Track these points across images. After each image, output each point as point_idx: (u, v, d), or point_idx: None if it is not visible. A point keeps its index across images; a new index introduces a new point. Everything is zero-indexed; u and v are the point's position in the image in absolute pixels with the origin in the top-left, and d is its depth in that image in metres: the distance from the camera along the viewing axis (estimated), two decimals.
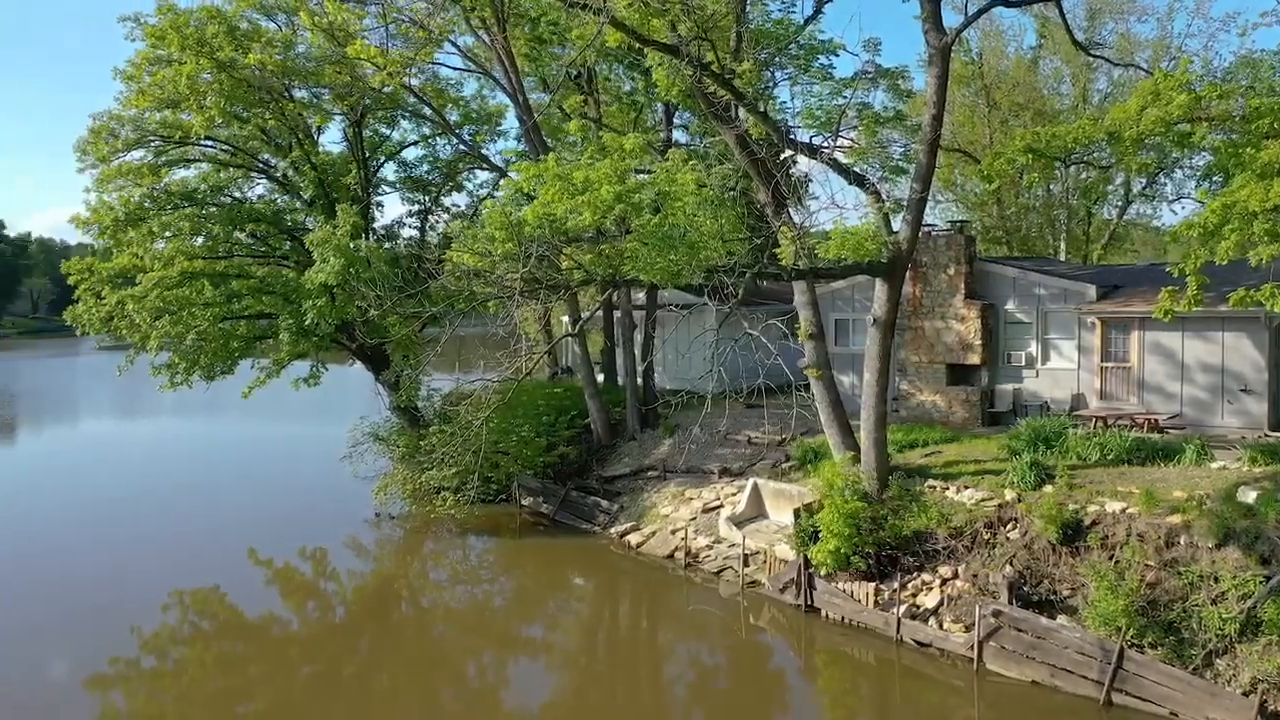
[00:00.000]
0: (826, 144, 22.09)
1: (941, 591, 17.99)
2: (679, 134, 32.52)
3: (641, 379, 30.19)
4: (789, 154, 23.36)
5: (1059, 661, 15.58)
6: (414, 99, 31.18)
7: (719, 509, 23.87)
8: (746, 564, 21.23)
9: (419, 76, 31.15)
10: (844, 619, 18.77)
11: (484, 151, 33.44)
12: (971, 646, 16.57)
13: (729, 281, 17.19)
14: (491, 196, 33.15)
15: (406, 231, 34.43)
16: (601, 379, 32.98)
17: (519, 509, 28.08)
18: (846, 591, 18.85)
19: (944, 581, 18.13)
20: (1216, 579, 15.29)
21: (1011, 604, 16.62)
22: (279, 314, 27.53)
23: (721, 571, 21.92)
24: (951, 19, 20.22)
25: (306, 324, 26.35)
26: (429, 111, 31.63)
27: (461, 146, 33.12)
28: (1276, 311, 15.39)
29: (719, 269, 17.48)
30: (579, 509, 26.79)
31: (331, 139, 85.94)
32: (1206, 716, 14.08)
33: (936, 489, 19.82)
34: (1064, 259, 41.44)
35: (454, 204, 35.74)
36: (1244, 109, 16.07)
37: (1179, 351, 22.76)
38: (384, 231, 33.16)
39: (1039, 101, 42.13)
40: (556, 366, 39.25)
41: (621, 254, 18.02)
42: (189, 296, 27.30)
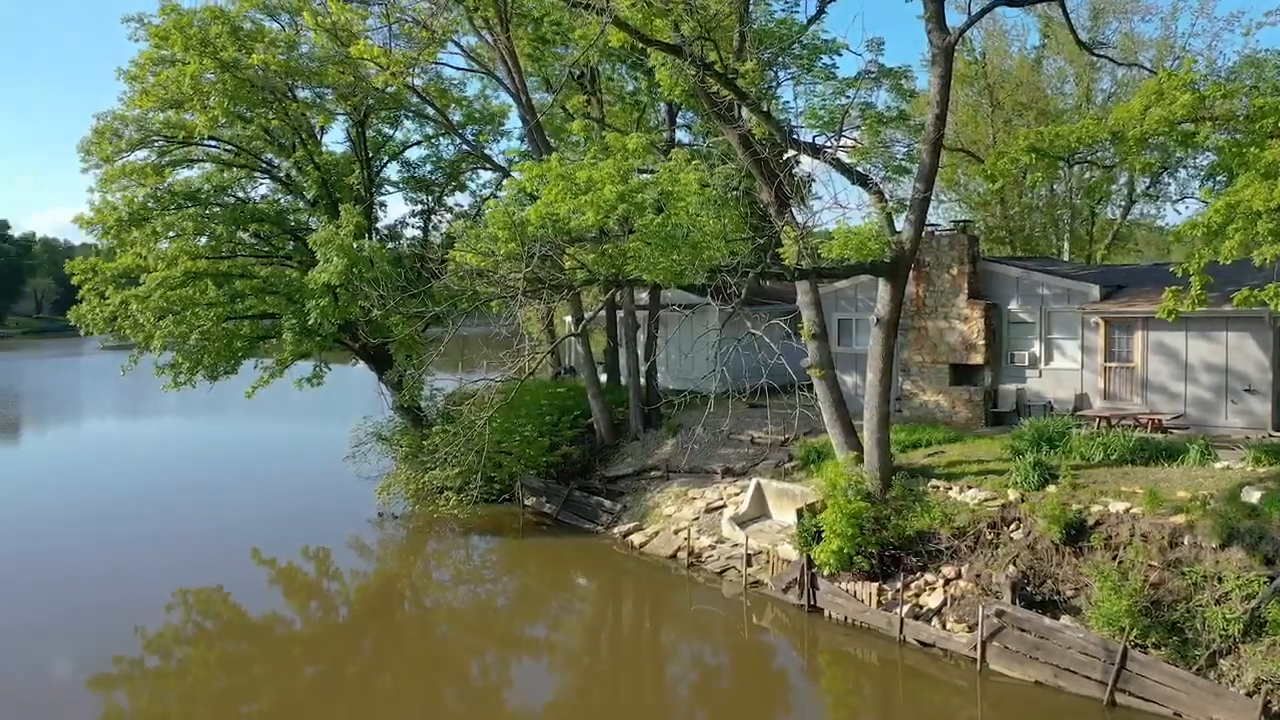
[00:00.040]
0: (829, 144, 22.05)
1: (945, 591, 17.97)
2: (682, 134, 32.55)
3: (644, 379, 30.20)
4: (792, 154, 23.33)
5: (1062, 662, 15.56)
6: (417, 99, 31.21)
7: (722, 509, 23.86)
8: (749, 564, 21.22)
9: (422, 76, 31.17)
10: (847, 619, 18.75)
11: (487, 151, 33.49)
12: (975, 647, 16.55)
13: (732, 281, 17.19)
14: (494, 196, 33.14)
15: (410, 231, 34.52)
16: (604, 379, 32.98)
17: (522, 509, 28.10)
18: (849, 591, 18.84)
19: (947, 581, 18.11)
20: (1220, 579, 15.27)
21: (1015, 604, 16.60)
22: (282, 314, 27.59)
23: (724, 571, 21.91)
24: (955, 19, 20.26)
25: (310, 324, 26.40)
26: (432, 111, 31.66)
27: (465, 146, 33.14)
28: None
29: (722, 269, 17.48)
30: (582, 509, 26.79)
31: (335, 139, 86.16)
32: (1210, 717, 14.05)
33: (940, 489, 19.80)
34: (1067, 259, 41.42)
35: (457, 204, 35.84)
36: (1248, 108, 16.06)
37: (1183, 351, 22.73)
38: (387, 231, 33.24)
39: (1042, 101, 42.08)
40: (559, 366, 39.27)
41: (624, 254, 18.02)
42: (192, 296, 27.37)
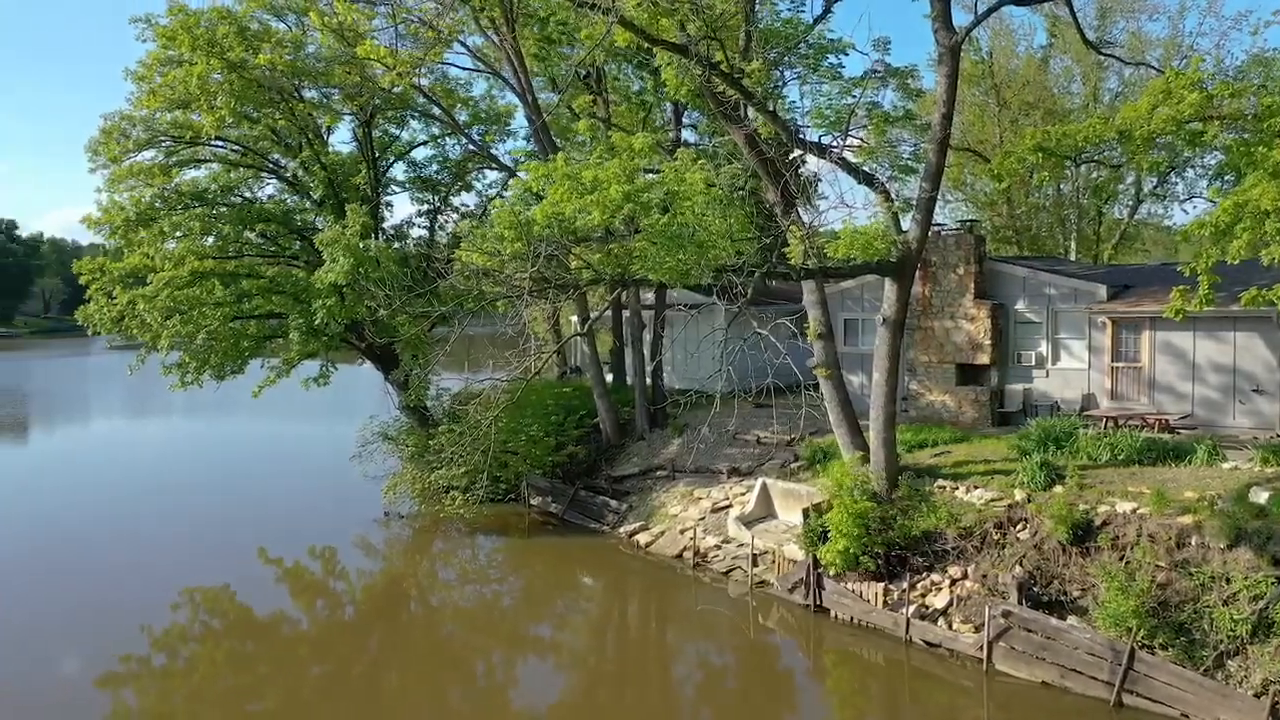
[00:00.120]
0: (835, 143, 22.02)
1: (951, 592, 17.94)
2: (688, 133, 32.49)
3: (650, 378, 30.19)
4: (798, 153, 23.32)
5: (1069, 662, 15.53)
6: (423, 99, 31.25)
7: (728, 509, 23.85)
8: (755, 564, 21.21)
9: (428, 76, 31.24)
10: (853, 619, 18.73)
11: (493, 151, 33.55)
12: (981, 647, 16.53)
13: (738, 281, 17.18)
14: (500, 196, 33.13)
15: (416, 231, 34.57)
16: (610, 378, 32.98)
17: (528, 508, 28.12)
18: (855, 592, 18.82)
19: (953, 582, 18.09)
20: (1228, 580, 15.21)
21: (1021, 604, 16.56)
22: (289, 313, 27.65)
23: (730, 571, 21.90)
24: (961, 18, 20.22)
25: (316, 323, 26.47)
26: (438, 111, 31.70)
27: (470, 146, 33.19)
28: None
29: (728, 268, 17.47)
30: (588, 508, 26.81)
31: (341, 139, 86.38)
32: (1217, 718, 14.01)
33: (946, 489, 19.77)
34: (1074, 258, 41.31)
35: (463, 204, 35.89)
36: (1256, 107, 15.98)
37: (1190, 351, 22.66)
38: (393, 231, 33.27)
39: (1049, 100, 41.97)
40: (565, 366, 39.30)
41: (630, 253, 18.01)
42: (199, 296, 27.46)
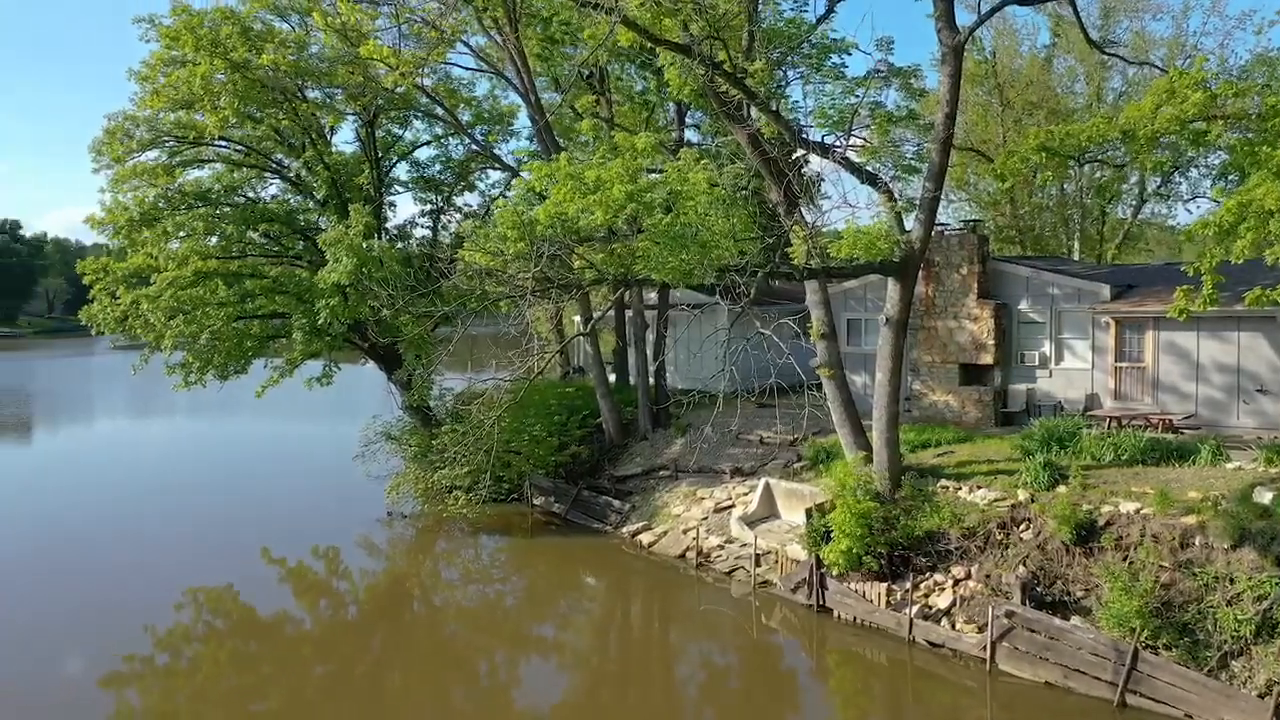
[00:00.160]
0: (839, 143, 22.04)
1: (954, 592, 17.93)
2: (691, 133, 32.51)
3: (653, 378, 30.19)
4: (801, 153, 23.32)
5: (1072, 662, 15.51)
6: (426, 99, 31.28)
7: (731, 509, 23.85)
8: (758, 564, 21.20)
9: (431, 77, 31.26)
10: (856, 619, 18.73)
11: (496, 151, 33.52)
12: (984, 647, 16.51)
13: (741, 281, 17.18)
14: (503, 196, 33.17)
15: (419, 231, 34.56)
16: (613, 378, 32.98)
17: (531, 508, 28.13)
18: (859, 592, 18.81)
19: (957, 582, 18.07)
20: (1232, 580, 15.19)
21: (1025, 605, 16.55)
22: (292, 313, 27.66)
23: (733, 571, 21.90)
24: (964, 17, 20.16)
25: (319, 323, 26.48)
26: (441, 111, 31.71)
27: (474, 146, 33.19)
28: None
29: (731, 268, 17.47)
30: (591, 508, 26.81)
31: (344, 139, 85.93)
32: (1221, 719, 14.00)
33: (949, 489, 19.75)
34: (1078, 258, 41.24)
35: (466, 204, 35.87)
36: (1260, 107, 15.97)
37: (1194, 351, 22.62)
38: (396, 231, 33.27)
39: (1053, 100, 41.90)
40: (568, 366, 39.31)
41: (633, 253, 18.02)
42: (203, 296, 27.47)
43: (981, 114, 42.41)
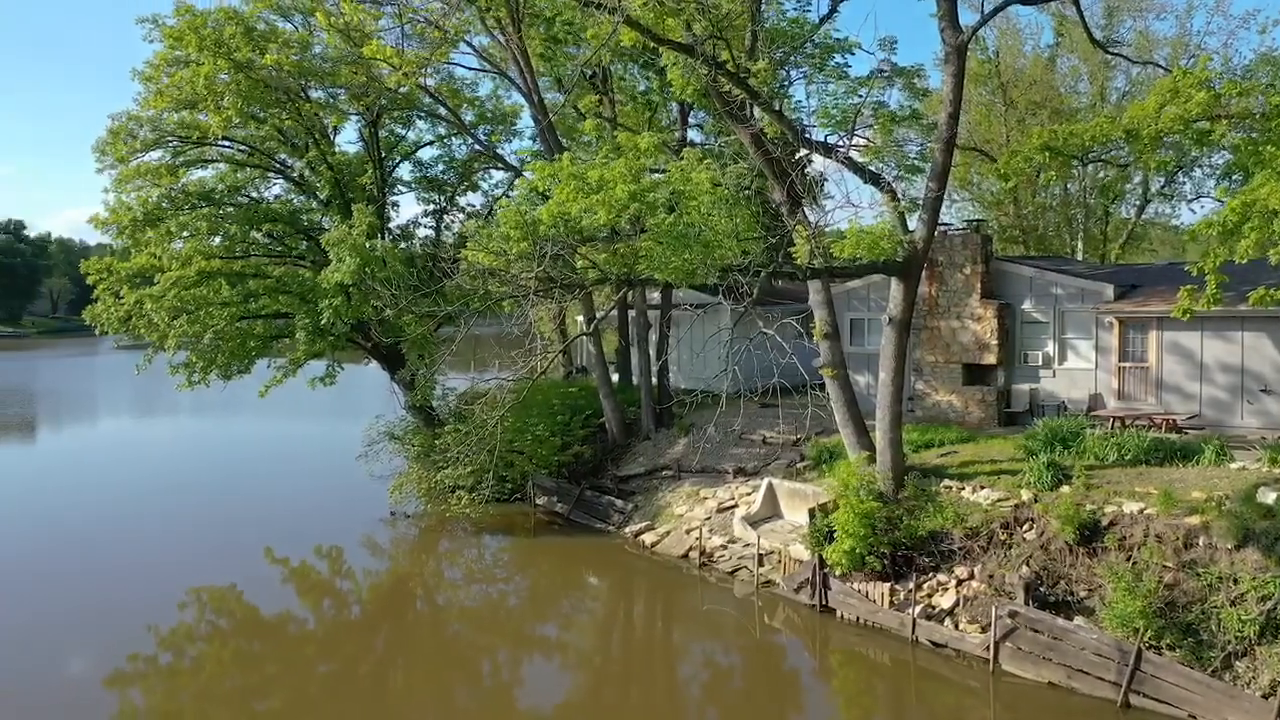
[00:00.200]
0: (842, 143, 22.01)
1: (957, 592, 17.91)
2: (694, 133, 32.54)
3: (656, 378, 30.18)
4: (804, 153, 23.30)
5: (1076, 663, 15.49)
6: (429, 99, 31.30)
7: (734, 509, 23.84)
8: (761, 564, 21.20)
9: (434, 77, 31.31)
10: (859, 619, 18.72)
11: (499, 151, 33.53)
12: (987, 647, 16.50)
13: (744, 281, 17.16)
14: (506, 196, 33.22)
15: (422, 231, 34.62)
16: (616, 378, 32.99)
17: (534, 508, 28.14)
18: (861, 592, 18.80)
19: (960, 582, 18.05)
20: (1235, 580, 15.17)
21: (1028, 605, 16.54)
22: (295, 313, 27.70)
23: (736, 571, 21.90)
24: (968, 17, 20.17)
25: (323, 323, 26.49)
26: (444, 111, 31.74)
27: (477, 146, 33.21)
28: None
29: (734, 268, 17.46)
30: (593, 508, 26.82)
31: (347, 139, 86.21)
32: (1225, 719, 13.97)
33: (952, 489, 19.73)
34: (1081, 258, 41.20)
35: (469, 203, 35.92)
36: (1264, 106, 15.95)
37: (1198, 351, 22.58)
38: (400, 231, 33.31)
39: (1056, 100, 41.86)
40: (571, 366, 39.29)
41: (636, 253, 18.03)
42: (206, 296, 27.53)
43: (985, 114, 42.37)
